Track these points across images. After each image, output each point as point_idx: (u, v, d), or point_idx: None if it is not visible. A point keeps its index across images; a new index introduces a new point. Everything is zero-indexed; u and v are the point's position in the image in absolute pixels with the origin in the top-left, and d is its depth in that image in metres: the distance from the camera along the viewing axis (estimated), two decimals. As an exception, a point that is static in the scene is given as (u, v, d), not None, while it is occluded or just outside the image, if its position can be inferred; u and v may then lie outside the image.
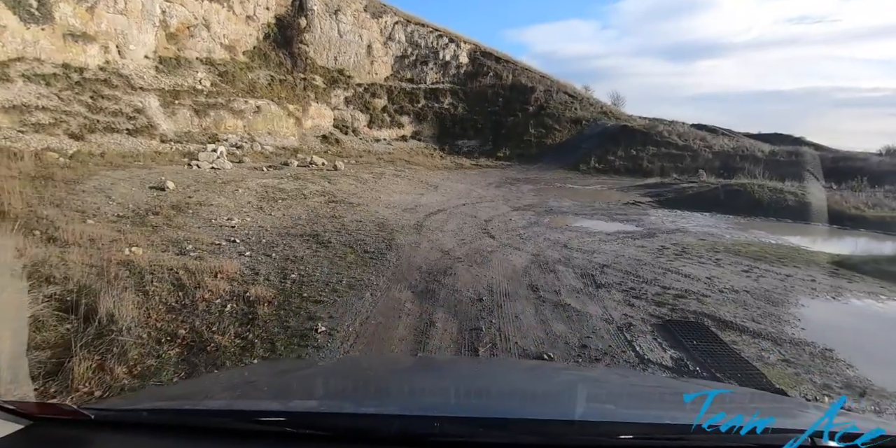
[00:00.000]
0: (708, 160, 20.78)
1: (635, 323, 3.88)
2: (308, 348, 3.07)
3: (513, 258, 5.81)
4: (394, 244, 6.14)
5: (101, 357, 2.63)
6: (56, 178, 7.76)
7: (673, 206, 11.98)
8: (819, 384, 3.17)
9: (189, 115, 15.67)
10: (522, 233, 7.61)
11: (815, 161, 20.50)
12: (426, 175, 15.48)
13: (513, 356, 3.17)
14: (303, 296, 4.01)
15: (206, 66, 18.22)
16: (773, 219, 11.03)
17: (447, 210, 9.43)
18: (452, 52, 27.01)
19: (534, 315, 3.92)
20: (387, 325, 3.53)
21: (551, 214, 9.80)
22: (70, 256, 4.32)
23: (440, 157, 22.15)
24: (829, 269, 6.34)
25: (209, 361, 2.82)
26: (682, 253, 6.64)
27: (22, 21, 13.15)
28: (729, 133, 35.79)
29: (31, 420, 1.03)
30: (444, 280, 4.73)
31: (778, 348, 3.68)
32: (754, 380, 3.11)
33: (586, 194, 13.93)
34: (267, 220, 6.89)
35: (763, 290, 5.10)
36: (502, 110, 25.66)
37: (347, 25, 23.98)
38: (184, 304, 3.67)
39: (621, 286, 4.85)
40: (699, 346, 3.54)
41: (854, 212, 11.43)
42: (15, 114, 11.54)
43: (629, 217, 9.97)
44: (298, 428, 1.03)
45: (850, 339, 4.10)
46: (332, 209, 8.08)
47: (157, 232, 5.78)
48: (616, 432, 1.02)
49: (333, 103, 22.70)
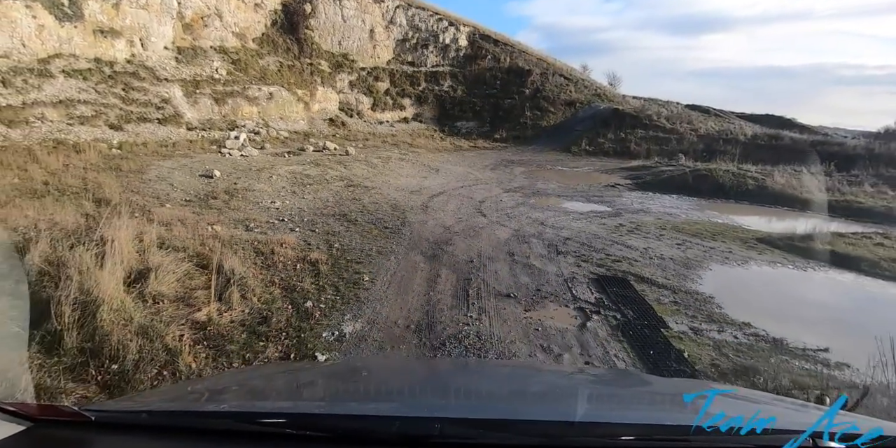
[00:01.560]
0: (692, 143, 22.28)
1: (578, 277, 5.67)
2: (360, 289, 4.85)
3: (498, 232, 7.58)
4: (406, 222, 7.88)
5: (241, 292, 4.40)
6: (123, 169, 9.46)
7: (647, 188, 13.69)
8: (689, 315, 4.96)
9: (210, 104, 17.18)
10: (509, 212, 9.35)
11: (792, 145, 22.05)
12: (428, 158, 17.10)
13: (489, 294, 4.96)
14: (347, 259, 5.78)
15: (220, 55, 19.56)
16: (732, 201, 12.74)
17: (447, 192, 11.13)
18: (452, 36, 28.12)
19: (508, 271, 5.71)
20: (408, 277, 5.31)
21: (537, 196, 11.52)
22: (175, 233, 6.05)
23: (440, 138, 23.66)
24: (749, 243, 8.11)
25: (301, 296, 4.59)
26: (635, 229, 8.40)
27: (57, 20, 14.51)
28: (721, 114, 37.11)
29: (32, 422, 1.05)
30: (445, 248, 6.50)
31: (674, 295, 5.47)
32: (645, 311, 4.89)
33: (573, 177, 15.60)
34: (302, 203, 8.61)
35: (685, 258, 6.88)
36: (500, 93, 27.00)
37: (351, 10, 25.06)
38: (267, 264, 5.43)
39: (576, 253, 6.63)
40: (617, 292, 5.33)
41: (805, 196, 13.12)
42: (62, 108, 13.09)
43: (604, 199, 11.69)
44: (299, 429, 1.05)
45: (733, 291, 5.89)
46: (352, 193, 9.79)
47: (221, 213, 7.51)
48: (617, 433, 1.03)
49: (339, 87, 24.04)
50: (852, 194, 13.81)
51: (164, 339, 3.29)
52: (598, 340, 4.13)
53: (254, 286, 4.62)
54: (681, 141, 22.39)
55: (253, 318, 4.01)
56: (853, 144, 23.13)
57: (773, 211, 11.97)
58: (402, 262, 5.79)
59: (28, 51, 13.69)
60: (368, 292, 4.81)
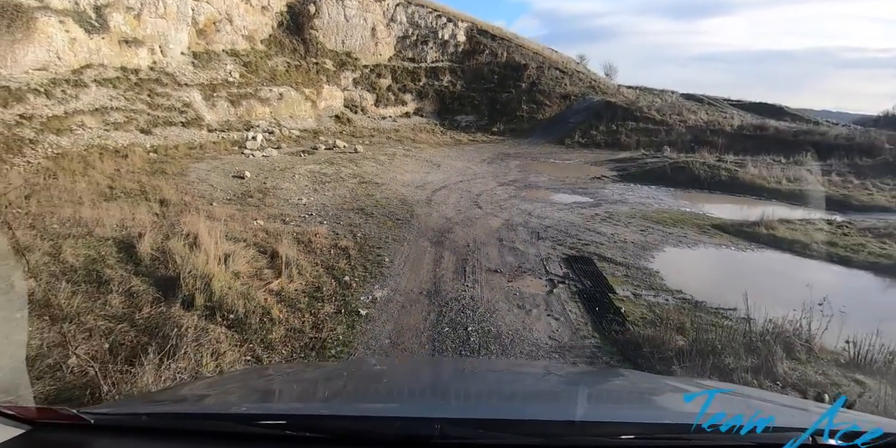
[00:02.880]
0: (681, 134, 23.67)
1: (552, 257, 7.25)
2: (382, 267, 6.43)
3: (491, 222, 9.14)
4: (414, 214, 9.44)
5: (298, 275, 5.96)
6: (167, 172, 11.02)
7: (630, 180, 15.20)
8: (635, 285, 6.52)
9: (226, 106, 18.65)
10: (502, 204, 10.90)
11: (776, 135, 23.43)
12: (430, 153, 18.59)
13: (482, 270, 6.53)
14: (369, 245, 7.35)
15: (232, 58, 20.99)
16: (706, 191, 14.25)
17: (448, 186, 12.66)
18: (451, 31, 29.38)
19: (497, 253, 7.28)
20: (419, 258, 6.89)
21: (528, 189, 13.04)
22: (230, 227, 7.61)
23: (440, 133, 25.10)
24: (704, 229, 9.66)
25: (339, 273, 6.16)
26: (609, 218, 9.95)
27: (86, 32, 15.95)
28: (715, 102, 38.39)
29: (31, 425, 1.08)
30: (447, 236, 8.07)
31: (627, 270, 7.04)
32: (599, 282, 6.45)
33: (564, 169, 17.10)
34: (324, 199, 10.17)
35: (644, 242, 8.44)
36: (497, 87, 28.35)
37: (353, 10, 26.33)
38: (308, 250, 6.99)
39: (553, 239, 8.20)
40: (581, 268, 6.90)
41: (773, 186, 14.61)
42: (98, 115, 14.60)
43: (588, 190, 13.22)
44: (298, 431, 1.07)
45: (677, 267, 7.45)
46: (365, 189, 11.33)
47: (259, 209, 9.07)
48: (617, 432, 1.05)
49: (343, 85, 25.43)
50: (818, 183, 15.24)
51: (257, 299, 4.88)
52: (560, 301, 5.71)
53: (304, 266, 6.20)
54: (670, 132, 23.77)
55: (309, 288, 5.59)
56: (835, 133, 24.34)
57: (740, 200, 13.49)
58: (413, 246, 7.37)
59: (63, 63, 15.16)
60: (389, 270, 6.39)
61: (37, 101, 13.38)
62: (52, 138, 12.40)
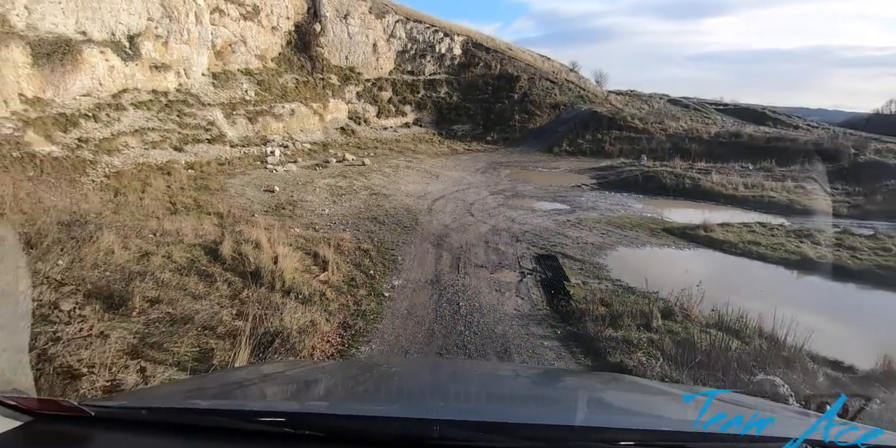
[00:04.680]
0: (661, 142, 26.03)
1: (526, 255, 9.57)
2: (396, 264, 8.74)
3: (481, 228, 11.47)
4: (417, 222, 11.75)
5: (337, 270, 8.26)
6: (210, 188, 13.33)
7: (606, 187, 17.54)
8: (585, 275, 8.83)
9: (245, 123, 20.98)
10: (491, 212, 13.22)
11: (749, 142, 25.78)
12: (429, 164, 20.92)
13: (471, 265, 8.85)
14: (385, 247, 9.66)
15: (247, 77, 23.32)
16: (671, 198, 16.59)
17: (446, 196, 14.97)
18: (447, 45, 31.76)
19: (483, 252, 9.61)
20: (423, 257, 9.21)
21: (515, 198, 15.37)
22: (275, 234, 9.91)
23: (438, 142, 27.46)
24: (656, 232, 11.98)
25: (365, 268, 8.47)
26: (578, 224, 12.29)
27: (122, 60, 18.25)
28: (700, 108, 40.89)
29: (32, 416, 1.10)
30: (445, 239, 10.39)
31: (582, 265, 9.36)
32: (559, 273, 8.76)
33: (549, 177, 19.44)
34: (343, 210, 12.47)
35: (602, 243, 10.77)
36: (491, 97, 30.72)
37: (355, 27, 28.69)
38: (339, 251, 9.29)
39: (529, 241, 10.53)
40: (547, 263, 9.22)
41: (729, 192, 16.96)
42: (138, 136, 16.89)
43: (567, 198, 15.55)
44: (297, 428, 1.10)
45: (622, 262, 9.77)
46: (376, 200, 13.65)
47: (292, 219, 11.37)
48: (616, 439, 1.07)
49: (347, 98, 27.78)
50: (772, 189, 17.60)
51: (313, 286, 7.19)
52: (527, 287, 8.03)
53: (339, 263, 8.52)
54: (650, 140, 26.14)
55: (346, 278, 7.91)
56: (804, 140, 26.72)
57: (698, 205, 15.82)
58: (418, 248, 9.70)
59: (104, 88, 17.46)
60: (401, 266, 8.72)
61: (88, 125, 15.68)
62: (106, 159, 14.70)
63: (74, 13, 17.18)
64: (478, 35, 34.38)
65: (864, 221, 14.36)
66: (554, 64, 37.69)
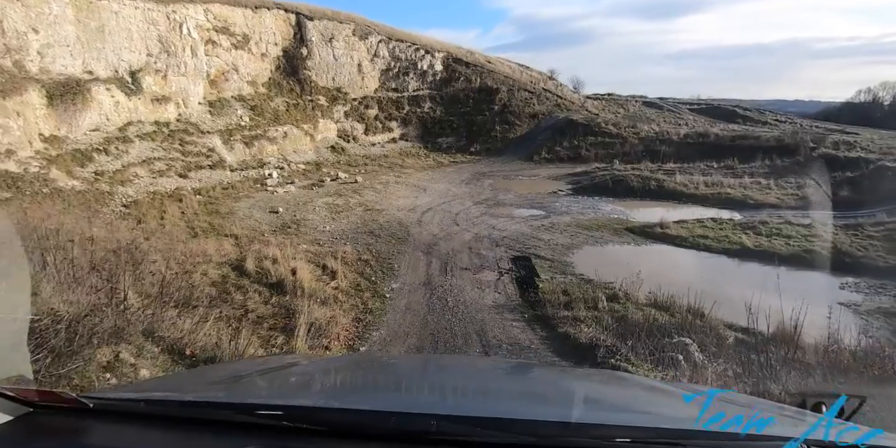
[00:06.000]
0: (634, 145, 27.99)
1: (503, 258, 11.34)
2: (393, 271, 10.45)
3: (465, 236, 13.23)
4: (409, 233, 13.47)
5: (344, 278, 9.97)
6: (220, 211, 14.98)
7: (580, 192, 19.40)
8: (554, 272, 10.61)
9: (242, 148, 22.65)
10: (474, 221, 14.98)
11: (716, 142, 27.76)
12: (416, 178, 22.70)
13: (457, 268, 10.59)
14: (382, 257, 11.37)
15: (240, 103, 25.02)
16: (638, 199, 18.45)
17: (433, 208, 16.71)
18: (429, 62, 33.68)
19: (468, 257, 11.37)
20: (416, 264, 10.94)
21: (496, 206, 17.15)
22: (287, 250, 11.57)
23: (425, 155, 29.27)
24: (619, 232, 13.81)
25: (368, 275, 10.18)
26: (551, 227, 14.08)
27: (126, 95, 19.90)
28: (674, 108, 43.12)
29: (31, 407, 1.12)
30: (434, 248, 12.13)
31: (552, 263, 11.14)
32: (532, 271, 10.52)
33: (528, 185, 21.28)
34: (342, 226, 14.17)
35: (570, 243, 12.56)
36: (473, 110, 32.62)
37: (340, 49, 30.50)
38: (343, 262, 10.98)
39: (507, 245, 12.30)
40: (521, 263, 10.99)
41: (691, 191, 18.88)
42: (145, 166, 18.50)
43: (543, 204, 17.37)
44: (296, 422, 1.10)
45: (585, 259, 11.56)
46: (371, 215, 15.37)
47: (298, 236, 13.05)
48: (613, 435, 1.08)
49: (336, 117, 29.52)
50: (730, 186, 19.53)
51: (327, 291, 8.88)
52: (503, 284, 9.78)
53: (345, 273, 10.22)
54: (624, 144, 28.09)
55: (352, 285, 9.61)
56: (767, 137, 28.74)
57: (661, 205, 17.72)
58: (411, 257, 11.43)
59: (111, 123, 19.10)
60: (398, 272, 10.44)
61: (101, 159, 17.30)
62: (121, 189, 16.31)
63: (81, 54, 18.87)
64: (458, 50, 36.35)
65: (807, 212, 16.27)
66: (532, 74, 39.74)
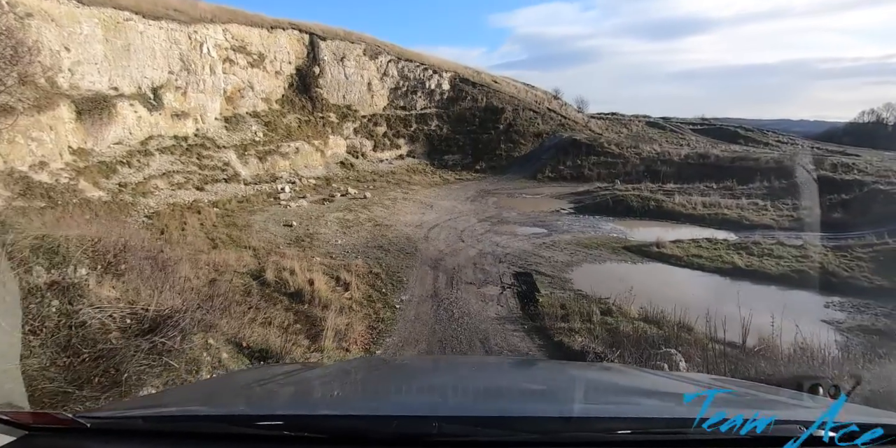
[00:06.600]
0: (635, 165, 28.87)
1: (506, 273, 12.11)
2: (402, 284, 11.22)
3: (470, 252, 14.00)
4: (417, 249, 14.25)
5: (357, 289, 10.73)
6: (238, 224, 15.83)
7: (581, 211, 20.19)
8: (554, 287, 11.35)
9: (256, 162, 23.64)
10: (479, 238, 15.77)
11: (716, 163, 28.58)
12: (423, 195, 23.57)
13: (462, 282, 11.35)
14: (391, 271, 12.15)
15: (255, 119, 26.11)
16: (637, 219, 19.21)
17: (440, 224, 17.51)
18: (436, 82, 34.90)
19: (472, 272, 12.13)
20: (424, 277, 11.70)
21: (501, 224, 17.94)
22: (302, 263, 12.35)
23: (431, 172, 30.23)
24: (617, 250, 14.55)
25: (379, 287, 10.95)
26: (552, 245, 14.84)
27: (148, 111, 20.98)
28: (677, 128, 44.16)
29: (27, 430, 1.11)
30: (440, 263, 12.90)
31: (551, 279, 11.89)
32: (532, 286, 11.26)
33: (532, 204, 22.10)
34: (353, 240, 14.98)
35: (570, 261, 13.31)
36: (478, 129, 33.69)
37: (351, 68, 31.74)
38: (356, 275, 11.75)
39: (510, 262, 13.06)
40: (523, 279, 11.74)
41: (689, 211, 19.64)
42: (165, 178, 19.46)
43: (545, 223, 18.15)
44: (296, 431, 1.11)
45: (584, 276, 12.30)
46: (380, 230, 16.18)
47: (312, 249, 13.85)
48: (613, 428, 1.10)
49: (345, 134, 30.60)
50: (727, 207, 20.28)
51: (342, 302, 9.64)
52: (506, 297, 10.52)
53: (358, 284, 10.99)
54: (626, 164, 28.98)
55: (364, 296, 10.37)
56: (766, 158, 29.47)
57: (660, 224, 18.46)
58: (419, 270, 12.20)
59: (133, 137, 20.12)
60: (406, 285, 11.20)
61: (124, 171, 18.26)
62: (143, 200, 17.22)
63: (108, 71, 19.99)
64: (465, 70, 37.63)
65: (801, 233, 16.98)
66: (537, 93, 40.94)
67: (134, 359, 2.39)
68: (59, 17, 18.34)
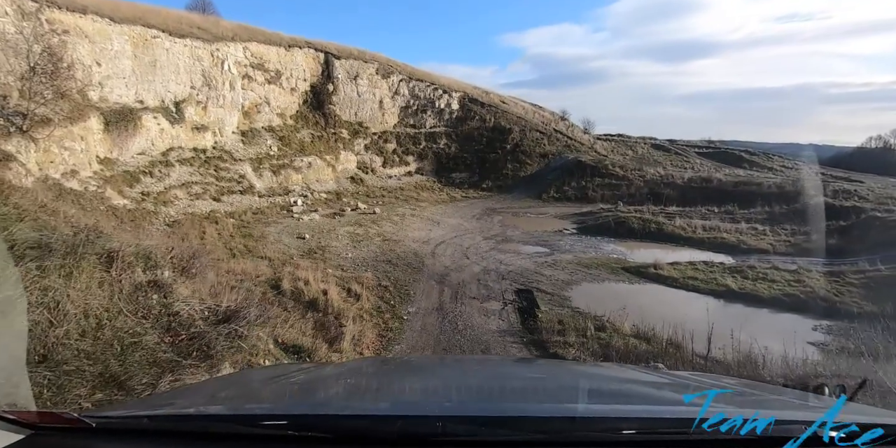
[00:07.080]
0: (639, 188, 29.60)
1: (508, 289, 12.80)
2: (410, 296, 11.94)
3: (474, 268, 14.72)
4: (424, 264, 14.99)
5: (367, 300, 11.45)
6: (253, 235, 16.66)
7: (584, 232, 20.91)
8: (553, 304, 12.04)
9: (270, 175, 24.60)
10: (483, 255, 16.49)
11: (719, 187, 29.27)
12: (431, 211, 24.39)
13: (466, 297, 12.06)
14: (399, 284, 12.87)
15: (270, 133, 27.18)
16: (638, 240, 19.90)
17: (446, 241, 18.27)
18: (446, 101, 36.05)
19: (476, 288, 12.84)
20: (430, 291, 12.42)
21: (505, 242, 18.67)
22: (315, 274, 13.11)
23: (439, 189, 31.11)
24: (615, 270, 15.23)
25: (387, 299, 11.67)
26: (554, 264, 15.54)
27: (170, 123, 22.04)
28: (682, 151, 44.96)
29: (32, 429, 1.12)
30: (446, 278, 13.62)
31: (551, 296, 12.58)
32: (533, 303, 11.94)
33: (536, 223, 22.85)
34: (363, 253, 15.74)
35: (570, 280, 13.99)
36: (486, 148, 34.66)
37: (364, 87, 32.93)
38: (366, 287, 12.48)
39: (512, 279, 13.76)
40: (524, 295, 12.43)
41: (688, 234, 20.32)
42: (184, 189, 20.39)
43: (548, 242, 18.88)
44: (300, 431, 1.12)
45: (582, 294, 12.98)
46: (388, 245, 16.94)
47: (324, 261, 14.61)
48: (618, 428, 1.11)
49: (356, 150, 31.62)
50: (726, 231, 20.94)
51: (353, 312, 10.36)
52: (507, 313, 11.20)
53: (368, 296, 11.72)
54: (629, 186, 29.72)
55: (374, 306, 11.09)
56: (769, 183, 30.08)
57: (659, 246, 19.12)
58: (425, 285, 12.92)
59: (155, 148, 21.13)
60: (413, 298, 11.91)
61: (146, 181, 19.20)
62: (164, 209, 18.11)
63: (135, 85, 21.11)
64: (474, 91, 38.83)
65: (796, 258, 17.60)
66: (545, 114, 42.05)
67: (217, 341, 3.11)
68: (93, 34, 19.53)
